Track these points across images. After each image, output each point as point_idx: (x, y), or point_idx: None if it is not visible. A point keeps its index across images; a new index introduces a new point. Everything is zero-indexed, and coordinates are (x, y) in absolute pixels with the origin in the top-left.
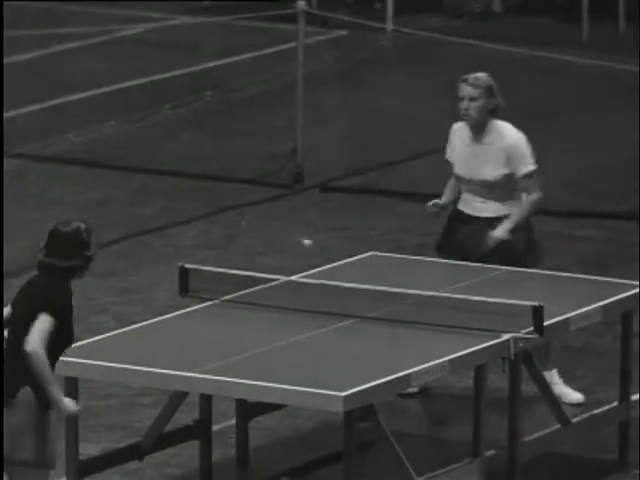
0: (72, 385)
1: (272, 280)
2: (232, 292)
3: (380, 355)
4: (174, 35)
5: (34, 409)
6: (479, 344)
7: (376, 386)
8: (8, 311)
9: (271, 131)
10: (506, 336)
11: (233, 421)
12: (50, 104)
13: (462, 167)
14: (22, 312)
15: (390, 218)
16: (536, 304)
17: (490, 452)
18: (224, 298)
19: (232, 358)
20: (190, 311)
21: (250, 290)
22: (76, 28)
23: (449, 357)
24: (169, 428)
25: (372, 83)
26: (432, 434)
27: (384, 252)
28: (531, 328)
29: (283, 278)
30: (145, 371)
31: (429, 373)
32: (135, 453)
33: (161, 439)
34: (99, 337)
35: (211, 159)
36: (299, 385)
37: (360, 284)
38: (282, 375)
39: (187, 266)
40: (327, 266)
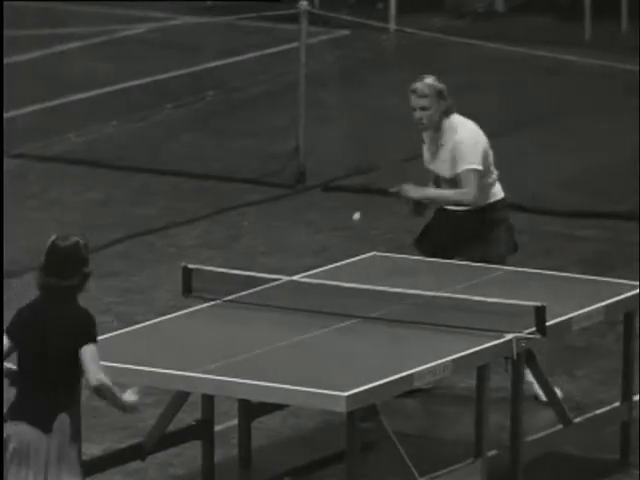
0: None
1: (274, 280)
2: (234, 292)
3: (382, 355)
4: (176, 35)
5: (71, 436)
6: (481, 344)
7: (378, 386)
8: (7, 343)
9: (273, 131)
10: (508, 336)
11: (235, 421)
12: (51, 104)
13: (428, 162)
14: (49, 344)
15: (392, 218)
16: (539, 304)
17: (492, 452)
18: (226, 298)
19: (234, 358)
20: (192, 311)
21: (252, 290)
22: (77, 28)
23: (451, 357)
24: (171, 428)
25: (374, 83)
26: (434, 434)
27: (386, 252)
28: (533, 328)
29: (285, 278)
30: (147, 371)
31: (431, 373)
32: (137, 453)
33: (163, 439)
34: (101, 337)
35: (213, 159)
36: (301, 385)
37: (362, 284)
38: (284, 375)
39: (189, 266)
40: (329, 266)
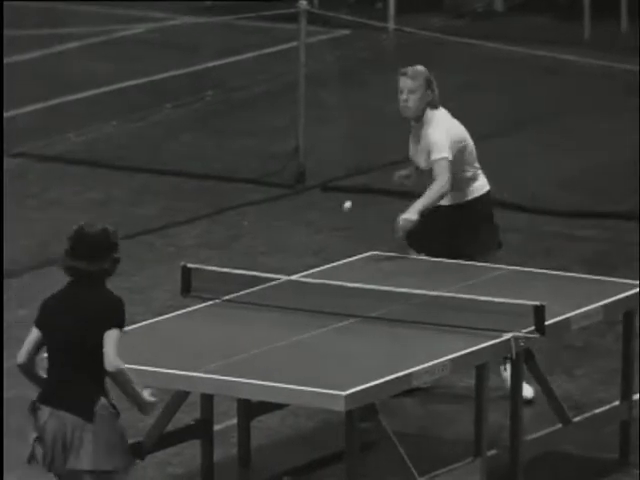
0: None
1: (274, 280)
2: (234, 292)
3: (381, 354)
4: (175, 35)
5: (115, 418)
6: (480, 343)
7: (377, 386)
8: (37, 335)
9: (272, 131)
10: (507, 335)
11: (235, 420)
12: (50, 104)
13: (411, 153)
14: (82, 330)
15: (391, 218)
16: (538, 304)
17: (492, 451)
18: (226, 298)
19: (233, 358)
20: (192, 311)
21: (252, 290)
22: (77, 28)
23: (450, 356)
24: (170, 428)
25: (374, 83)
26: (434, 434)
27: (385, 252)
28: (532, 327)
29: (284, 278)
30: (147, 371)
31: (430, 373)
32: (137, 452)
33: (162, 438)
34: None
35: (212, 159)
36: (300, 384)
37: (361, 284)
38: (284, 375)
39: (189, 266)
40: (328, 266)
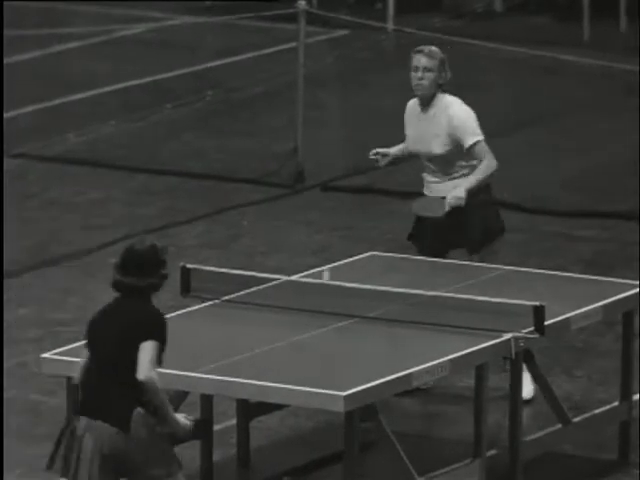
0: (73, 385)
1: (273, 280)
2: (233, 292)
3: (381, 355)
4: (175, 35)
5: (152, 425)
6: (480, 344)
7: (377, 386)
8: (87, 354)
9: (272, 131)
10: (507, 336)
11: (234, 421)
12: (50, 104)
13: (413, 142)
14: (119, 341)
15: (391, 218)
16: (537, 304)
17: (491, 452)
18: (225, 298)
19: (233, 358)
20: (191, 311)
21: (251, 290)
22: (77, 28)
23: (450, 357)
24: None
25: (373, 83)
26: (433, 434)
27: (384, 252)
28: (532, 328)
29: (284, 278)
30: None
31: (430, 373)
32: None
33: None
34: None
35: (212, 159)
36: (300, 385)
37: (361, 284)
38: (283, 375)
39: (188, 266)
40: (328, 266)
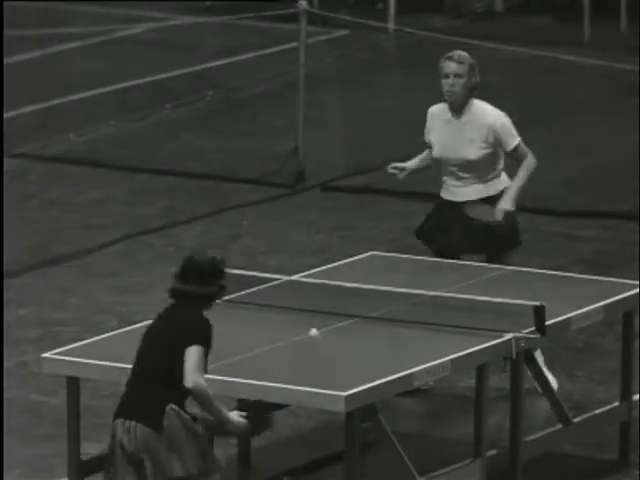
0: (73, 385)
1: (273, 280)
2: (233, 292)
3: (381, 355)
4: (175, 35)
5: (189, 425)
6: (480, 344)
7: (377, 386)
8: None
9: (272, 131)
10: (508, 336)
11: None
12: (50, 104)
13: (442, 148)
14: (164, 344)
15: (391, 218)
16: (538, 304)
17: (492, 452)
18: (225, 298)
19: (233, 358)
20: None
21: (252, 290)
22: (76, 28)
23: (450, 357)
24: None
25: (373, 83)
26: (434, 434)
27: (385, 252)
28: (533, 328)
29: (284, 278)
30: None
31: (430, 373)
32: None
33: None
34: (100, 337)
35: (212, 159)
36: (300, 385)
37: (361, 284)
38: (284, 375)
39: None
40: (328, 266)
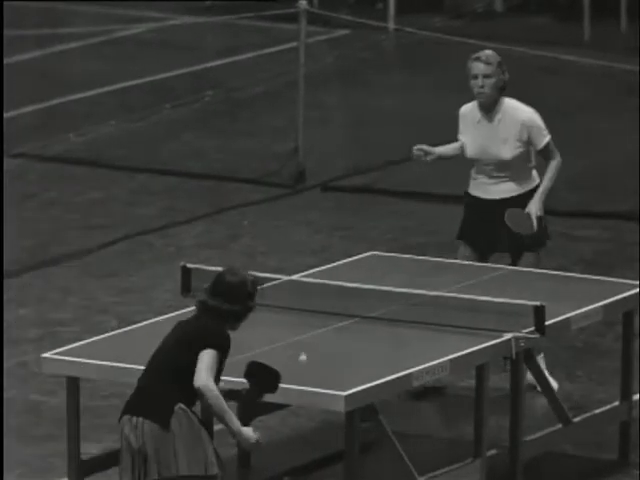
0: (73, 385)
1: (273, 280)
2: None
3: (381, 355)
4: (175, 35)
5: (195, 425)
6: (480, 344)
7: (377, 386)
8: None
9: (272, 131)
10: (507, 335)
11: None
12: (50, 104)
13: (476, 149)
14: (179, 345)
15: (391, 218)
16: (538, 304)
17: (492, 452)
18: None
19: (233, 358)
20: (191, 311)
21: None
22: (76, 28)
23: (450, 357)
24: None
25: (373, 83)
26: (434, 434)
27: (385, 252)
28: (532, 328)
29: (284, 278)
30: None
31: (430, 373)
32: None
33: None
34: (100, 337)
35: (212, 159)
36: (300, 385)
37: (361, 284)
38: (284, 375)
39: (189, 266)
40: (328, 266)
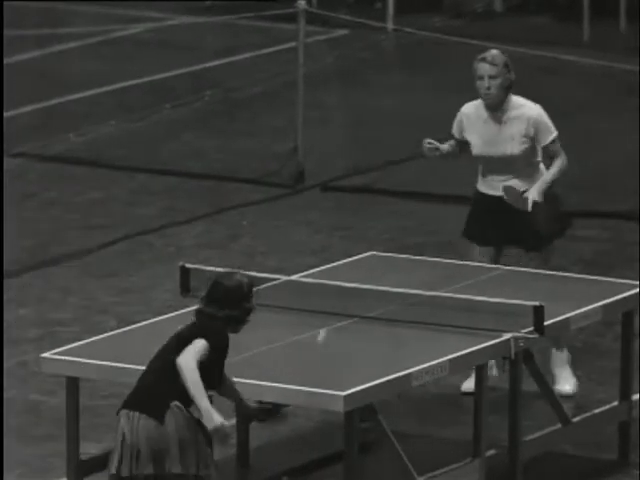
0: (73, 385)
1: (273, 280)
2: None
3: (380, 355)
4: (174, 35)
5: (191, 423)
6: (479, 344)
7: (376, 386)
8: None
9: (272, 131)
10: (507, 336)
11: (234, 421)
12: (50, 104)
13: (483, 147)
14: (177, 341)
15: (391, 218)
16: (537, 304)
17: (491, 452)
18: None
19: (233, 358)
20: (191, 311)
21: None
22: (76, 28)
23: (449, 357)
24: None
25: (373, 82)
26: (433, 434)
27: (384, 252)
28: (532, 328)
29: (284, 278)
30: None
31: (429, 373)
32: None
33: None
34: (99, 337)
35: (212, 159)
36: (300, 385)
37: (360, 284)
38: (283, 375)
39: (188, 266)
40: (327, 266)
